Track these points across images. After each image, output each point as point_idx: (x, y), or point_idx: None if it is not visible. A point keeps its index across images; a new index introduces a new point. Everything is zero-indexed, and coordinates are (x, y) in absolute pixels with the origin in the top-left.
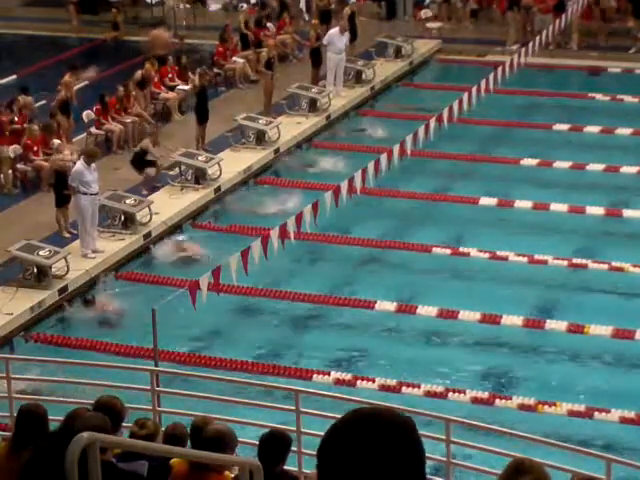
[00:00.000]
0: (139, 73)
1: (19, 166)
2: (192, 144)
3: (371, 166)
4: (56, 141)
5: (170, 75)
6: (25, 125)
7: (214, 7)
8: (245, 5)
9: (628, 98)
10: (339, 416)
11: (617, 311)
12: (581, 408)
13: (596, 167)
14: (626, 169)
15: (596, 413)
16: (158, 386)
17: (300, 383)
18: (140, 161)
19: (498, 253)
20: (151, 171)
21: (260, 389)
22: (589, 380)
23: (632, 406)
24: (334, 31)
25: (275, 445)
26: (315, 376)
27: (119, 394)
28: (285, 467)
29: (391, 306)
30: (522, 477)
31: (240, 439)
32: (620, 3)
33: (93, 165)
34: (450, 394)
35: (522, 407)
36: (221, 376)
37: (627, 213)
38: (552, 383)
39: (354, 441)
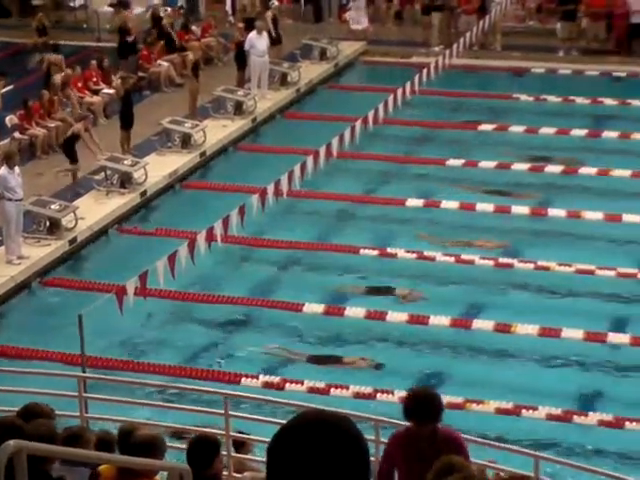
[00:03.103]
0: (58, 77)
1: None
2: (117, 148)
3: (297, 168)
4: None
5: (94, 79)
6: None
7: (138, 10)
8: (169, 9)
9: (552, 98)
10: (268, 419)
11: (543, 310)
12: (509, 406)
13: (521, 167)
14: (551, 168)
15: (523, 410)
16: (86, 392)
17: (229, 387)
18: (71, 146)
19: (425, 253)
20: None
21: (190, 393)
22: (516, 378)
23: (559, 403)
24: (253, 34)
25: (203, 449)
26: (244, 379)
27: (46, 401)
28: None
29: (319, 308)
30: (451, 476)
31: (169, 444)
32: (542, 4)
33: (17, 170)
34: (379, 395)
35: (451, 406)
36: (149, 381)
37: (552, 212)
38: (479, 381)
39: (302, 443)
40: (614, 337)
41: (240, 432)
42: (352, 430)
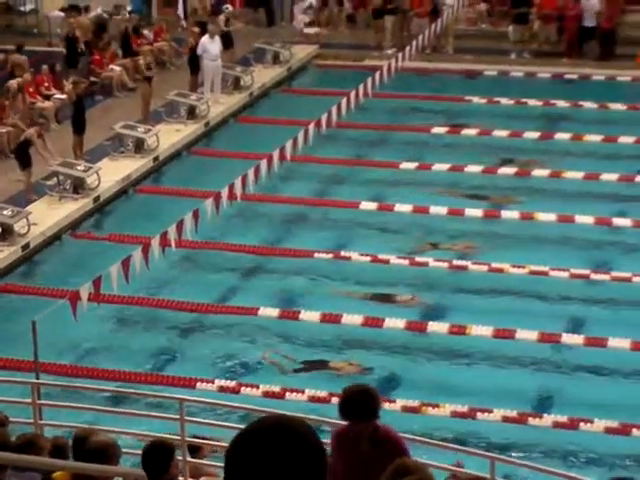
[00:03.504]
0: (14, 82)
1: None
2: (70, 154)
3: (251, 172)
4: None
5: (46, 84)
6: None
7: (91, 15)
8: (127, 13)
9: (504, 100)
10: (224, 424)
11: (497, 311)
12: (464, 409)
13: (475, 169)
14: (504, 170)
15: (479, 413)
16: (39, 399)
17: (184, 392)
18: (23, 152)
19: (379, 256)
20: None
21: (145, 399)
22: (471, 380)
23: (514, 405)
24: (205, 39)
25: (159, 454)
26: (199, 384)
27: None
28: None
29: (274, 312)
30: (406, 478)
31: (124, 449)
32: (494, 6)
33: None
34: (334, 399)
35: (407, 409)
36: (104, 387)
37: (505, 214)
38: (435, 384)
39: (261, 448)
40: (568, 338)
41: (195, 437)
42: (310, 435)
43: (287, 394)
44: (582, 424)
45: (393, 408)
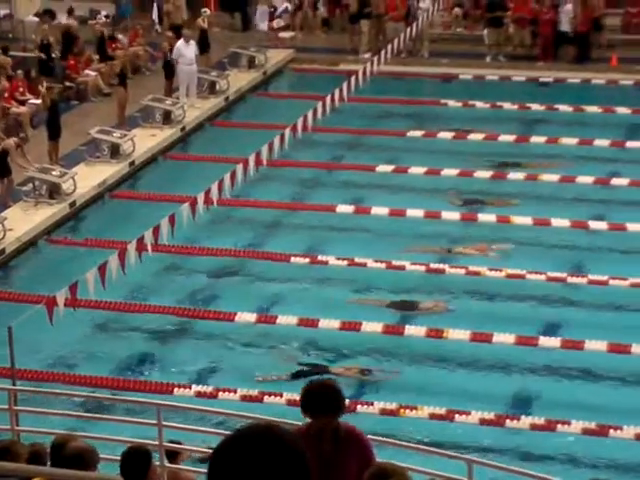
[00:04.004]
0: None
1: None
2: (45, 159)
3: (227, 177)
4: None
5: (21, 89)
6: None
7: (65, 20)
8: (103, 18)
9: (480, 104)
10: (201, 429)
11: (474, 315)
12: (442, 411)
13: (450, 172)
14: (479, 173)
15: (457, 415)
16: (16, 405)
17: (161, 397)
18: (2, 163)
19: (356, 260)
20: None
21: (122, 404)
22: (449, 383)
23: (491, 407)
24: (180, 43)
25: (137, 460)
26: (176, 390)
27: None
28: None
29: (251, 317)
30: None
31: (102, 456)
32: (468, 11)
33: None
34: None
35: (385, 412)
36: (82, 393)
37: (482, 217)
38: (413, 387)
39: (244, 455)
40: (545, 341)
41: (172, 442)
42: (295, 444)
43: (265, 398)
44: (559, 426)
45: (371, 412)
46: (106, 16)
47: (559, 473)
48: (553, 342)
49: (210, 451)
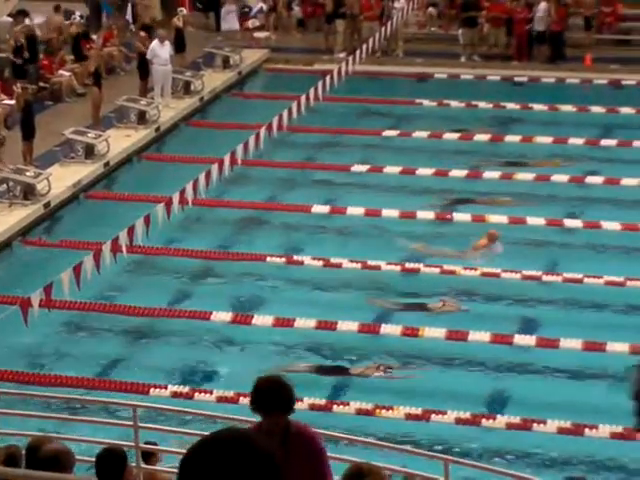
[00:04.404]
0: None
1: None
2: (19, 160)
3: (202, 177)
4: None
5: None
6: None
7: (39, 20)
8: (78, 18)
9: (454, 103)
10: (178, 429)
11: (449, 313)
12: (418, 411)
13: (425, 172)
14: (455, 173)
15: (433, 415)
16: None
17: (137, 397)
18: None
19: (332, 260)
20: None
21: (98, 405)
22: (425, 382)
23: (467, 407)
24: (155, 43)
25: (111, 461)
26: (152, 390)
27: None
28: None
29: (227, 317)
30: None
31: (78, 457)
32: (443, 10)
33: None
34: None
35: (361, 412)
36: (57, 394)
37: (457, 217)
38: (389, 387)
39: (215, 459)
40: (520, 339)
41: (148, 443)
42: (267, 450)
43: (241, 399)
44: (535, 425)
45: (347, 411)
46: (80, 16)
47: (535, 472)
48: (528, 340)
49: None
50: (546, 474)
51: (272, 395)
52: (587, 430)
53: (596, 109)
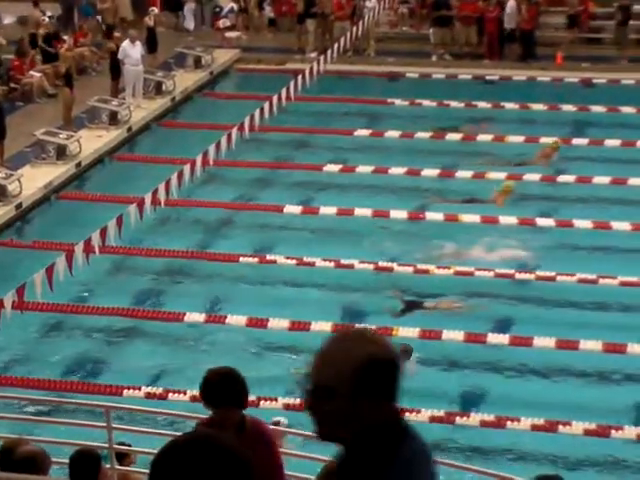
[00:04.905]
0: None
1: None
2: None
3: (174, 177)
4: None
5: None
6: None
7: (8, 20)
8: (47, 19)
9: (426, 102)
10: (151, 430)
11: (423, 312)
12: None
13: (398, 171)
14: (427, 172)
15: (407, 414)
16: None
17: (111, 399)
18: None
19: (305, 259)
20: None
21: (73, 407)
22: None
23: (441, 405)
24: (126, 44)
25: (86, 463)
26: (125, 391)
27: None
28: None
29: (200, 317)
30: None
31: (54, 459)
32: (414, 9)
33: None
34: (262, 402)
35: None
36: (30, 396)
37: (429, 216)
38: None
39: (186, 460)
40: (494, 338)
41: (122, 444)
42: (239, 451)
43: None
44: (509, 422)
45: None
46: (50, 17)
47: (508, 469)
48: (502, 339)
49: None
50: (520, 472)
51: (224, 389)
52: (561, 427)
53: (567, 107)
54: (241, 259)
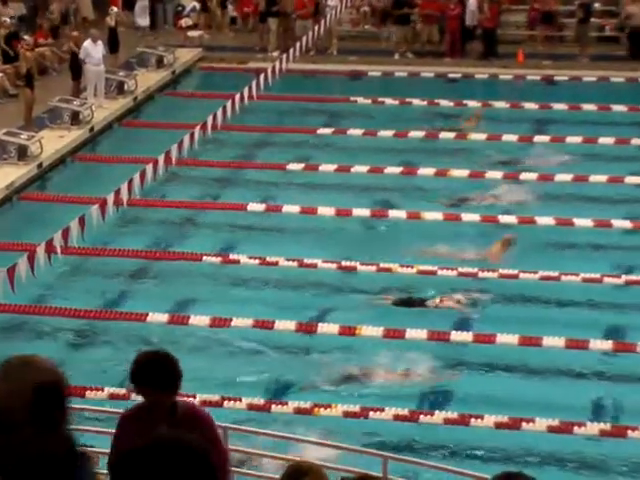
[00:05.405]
0: None
1: None
2: None
3: (137, 177)
4: None
5: None
6: None
7: None
8: (8, 19)
9: (389, 100)
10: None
11: (386, 312)
12: (356, 409)
13: (361, 169)
14: (390, 170)
15: (371, 413)
16: None
17: (74, 401)
18: None
19: (268, 259)
20: None
21: None
22: (363, 380)
23: (405, 403)
24: (87, 43)
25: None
26: (88, 392)
27: None
28: None
29: (163, 317)
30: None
31: None
32: (376, 8)
33: None
34: (226, 402)
35: (298, 411)
36: None
37: (392, 213)
38: (326, 386)
39: (148, 462)
40: (457, 335)
41: (84, 445)
42: (205, 453)
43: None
44: (473, 420)
45: (285, 411)
46: (11, 17)
47: (473, 466)
48: (465, 336)
49: None
50: (484, 469)
51: (156, 369)
52: (524, 424)
53: (529, 105)
54: (204, 258)
